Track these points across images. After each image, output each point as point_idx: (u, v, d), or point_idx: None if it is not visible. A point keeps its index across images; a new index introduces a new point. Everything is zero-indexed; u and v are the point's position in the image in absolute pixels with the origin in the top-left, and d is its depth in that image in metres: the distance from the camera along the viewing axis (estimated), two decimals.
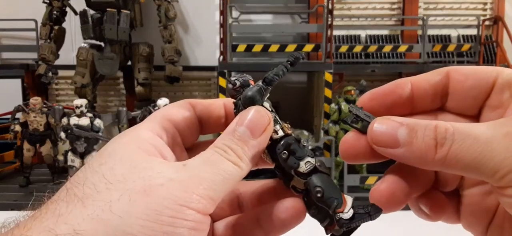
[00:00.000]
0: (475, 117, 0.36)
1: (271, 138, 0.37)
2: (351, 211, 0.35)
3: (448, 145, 0.30)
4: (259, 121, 0.36)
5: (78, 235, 0.28)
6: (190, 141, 0.40)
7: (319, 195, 0.35)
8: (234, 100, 0.39)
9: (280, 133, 0.38)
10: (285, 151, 0.37)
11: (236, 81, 0.38)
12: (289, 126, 0.39)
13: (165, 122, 0.37)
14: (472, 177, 0.32)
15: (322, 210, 0.37)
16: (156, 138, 0.35)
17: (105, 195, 0.29)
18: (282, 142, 0.37)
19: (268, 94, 0.39)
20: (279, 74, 0.39)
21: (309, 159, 0.37)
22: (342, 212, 0.35)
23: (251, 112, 0.36)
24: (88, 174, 0.31)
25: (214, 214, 0.35)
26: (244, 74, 0.40)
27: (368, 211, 0.35)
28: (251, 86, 0.38)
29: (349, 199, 0.36)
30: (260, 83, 0.38)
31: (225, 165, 0.33)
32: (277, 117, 0.38)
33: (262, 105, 0.38)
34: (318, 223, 0.38)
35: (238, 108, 0.38)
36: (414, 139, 0.32)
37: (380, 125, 0.34)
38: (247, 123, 0.35)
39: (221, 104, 0.41)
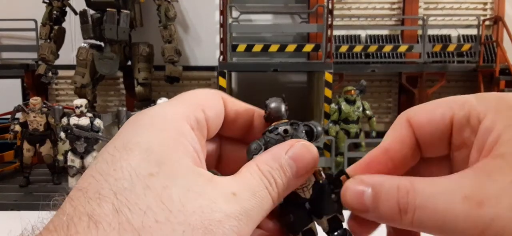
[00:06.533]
0: (447, 157, 0.35)
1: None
2: None
3: (411, 212, 0.29)
4: (308, 161, 0.33)
5: None
6: (210, 136, 0.37)
7: None
8: (283, 122, 0.36)
9: (323, 174, 0.36)
10: (335, 195, 0.35)
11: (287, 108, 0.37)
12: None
13: (199, 112, 0.34)
14: None
15: None
16: (195, 138, 0.32)
17: (167, 231, 0.26)
18: (329, 184, 0.36)
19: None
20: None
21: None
22: None
23: (303, 147, 0.33)
24: (138, 188, 0.27)
25: None
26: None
27: None
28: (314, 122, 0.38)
29: None
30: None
31: (268, 203, 0.31)
32: None
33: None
34: None
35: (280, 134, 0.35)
36: (379, 203, 0.31)
37: (350, 187, 0.33)
38: (297, 158, 0.33)
39: (252, 113, 0.38)
